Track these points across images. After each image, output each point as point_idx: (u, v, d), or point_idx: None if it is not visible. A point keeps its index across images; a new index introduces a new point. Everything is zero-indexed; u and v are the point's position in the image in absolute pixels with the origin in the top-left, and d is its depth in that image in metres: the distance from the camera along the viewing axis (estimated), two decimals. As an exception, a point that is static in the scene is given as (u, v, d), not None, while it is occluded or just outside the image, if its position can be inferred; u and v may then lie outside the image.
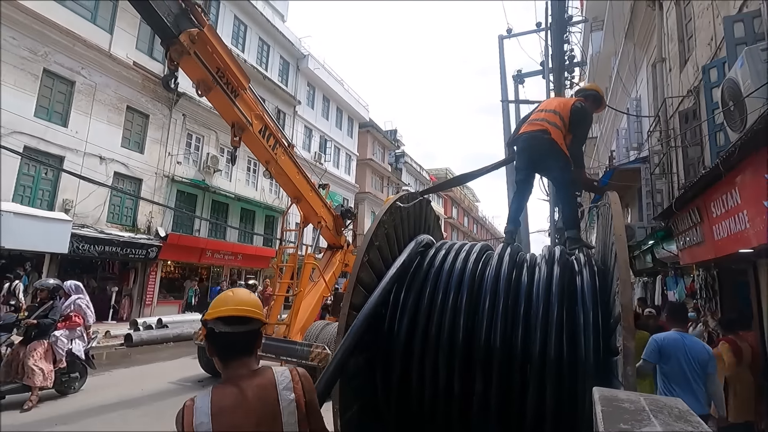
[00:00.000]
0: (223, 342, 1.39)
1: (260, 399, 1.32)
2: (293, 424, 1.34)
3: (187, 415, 1.29)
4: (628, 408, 1.34)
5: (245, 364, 1.39)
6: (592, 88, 4.08)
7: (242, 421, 1.28)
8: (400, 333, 2.89)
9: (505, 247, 3.17)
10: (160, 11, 4.42)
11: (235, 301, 1.43)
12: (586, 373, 2.35)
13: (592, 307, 2.51)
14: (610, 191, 2.85)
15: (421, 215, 3.96)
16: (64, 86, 12.68)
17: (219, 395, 1.32)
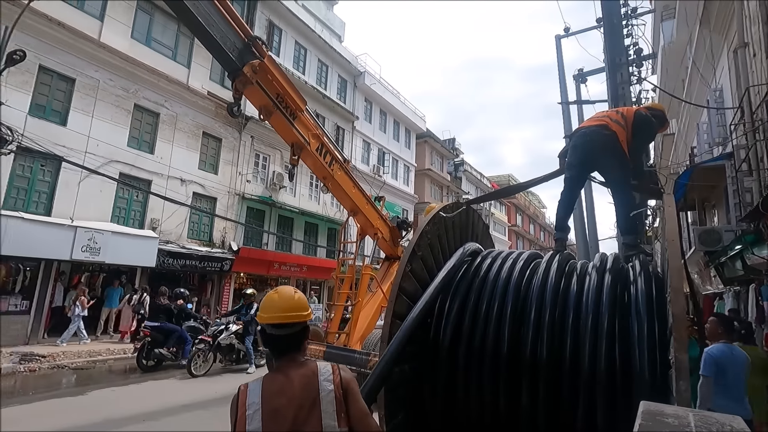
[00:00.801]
0: (273, 342, 1.61)
1: (303, 387, 1.51)
2: (332, 413, 1.49)
3: (241, 395, 1.51)
4: (670, 423, 1.27)
5: (293, 358, 1.60)
6: (656, 107, 3.81)
7: (286, 404, 1.47)
8: (444, 343, 2.89)
9: (554, 255, 3.06)
10: (226, 47, 4.87)
11: (279, 307, 1.61)
12: (640, 387, 2.21)
13: (647, 317, 2.36)
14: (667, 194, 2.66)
15: (468, 224, 3.94)
16: (151, 118, 14.27)
17: (269, 382, 1.53)
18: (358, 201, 7.91)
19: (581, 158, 3.43)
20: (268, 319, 1.59)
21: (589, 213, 10.46)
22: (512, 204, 45.55)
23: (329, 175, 7.14)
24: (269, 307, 1.61)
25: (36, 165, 11.30)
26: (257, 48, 5.20)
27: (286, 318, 1.59)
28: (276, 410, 1.46)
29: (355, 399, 1.56)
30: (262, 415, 1.45)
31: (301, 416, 1.46)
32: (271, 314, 1.60)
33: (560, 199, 3.48)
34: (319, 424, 1.47)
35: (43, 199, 11.40)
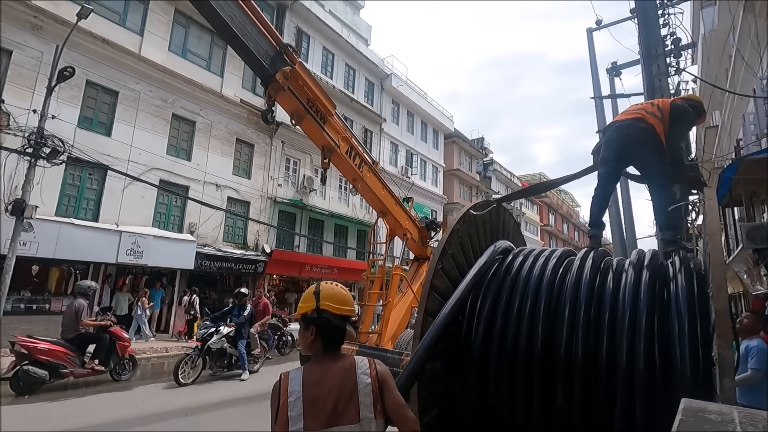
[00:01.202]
0: (331, 333, 1.67)
1: (342, 379, 1.58)
2: (369, 405, 1.55)
3: (283, 382, 1.60)
4: (713, 420, 1.25)
5: (335, 352, 1.68)
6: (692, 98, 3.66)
7: (325, 394, 1.55)
8: (477, 341, 2.90)
9: (589, 251, 3.01)
10: (259, 56, 4.99)
11: (345, 300, 1.70)
12: (681, 386, 2.15)
13: (689, 315, 2.29)
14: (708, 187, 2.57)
15: (499, 222, 3.92)
16: (188, 126, 14.90)
17: (309, 371, 1.61)
18: (387, 202, 7.98)
19: (616, 153, 3.33)
20: (340, 310, 1.66)
21: (626, 210, 10.10)
22: (544, 203, 44.43)
23: (359, 177, 7.25)
24: (338, 299, 1.68)
25: (84, 174, 12.03)
26: (288, 55, 5.34)
27: (351, 312, 1.68)
28: (316, 398, 1.53)
29: (390, 391, 1.62)
30: (303, 402, 1.53)
31: (339, 406, 1.53)
32: (341, 306, 1.67)
33: (594, 195, 3.39)
34: (356, 414, 1.53)
35: (91, 206, 12.12)
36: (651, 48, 7.68)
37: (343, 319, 1.68)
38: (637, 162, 3.38)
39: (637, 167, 3.46)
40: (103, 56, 12.41)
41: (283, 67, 5.24)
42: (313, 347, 1.67)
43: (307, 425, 1.51)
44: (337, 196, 20.86)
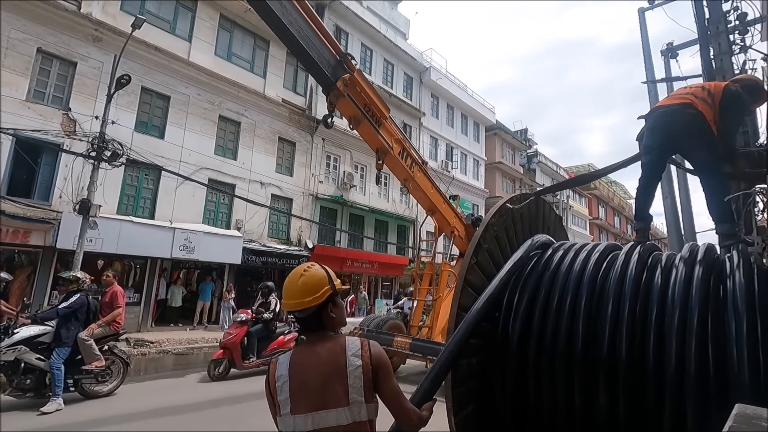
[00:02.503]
0: (299, 322, 1.68)
1: (330, 360, 1.54)
2: (359, 388, 1.51)
3: (272, 367, 1.60)
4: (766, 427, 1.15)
5: (319, 334, 1.63)
6: (748, 78, 3.31)
7: (312, 375, 1.52)
8: (514, 337, 2.82)
9: (635, 246, 2.83)
10: (322, 65, 5.31)
11: (287, 294, 1.65)
12: (739, 392, 1.98)
13: (747, 314, 2.10)
14: None
15: (538, 216, 3.79)
16: (233, 127, 15.54)
17: (297, 354, 1.60)
18: (436, 200, 8.21)
19: (660, 141, 3.09)
20: (285, 306, 1.67)
21: (684, 202, 9.40)
22: (594, 195, 42.34)
23: (410, 177, 7.52)
24: (284, 293, 1.68)
25: (141, 174, 12.88)
26: (347, 64, 5.63)
27: (291, 306, 1.63)
28: (303, 381, 1.51)
29: (386, 377, 1.57)
30: (290, 386, 1.51)
31: (327, 388, 1.50)
32: (285, 301, 1.66)
33: (638, 187, 3.17)
34: (345, 397, 1.49)
35: (148, 205, 12.96)
36: (710, 25, 7.07)
37: (297, 310, 1.62)
38: (685, 151, 3.11)
39: (686, 157, 3.19)
40: (156, 63, 13.18)
41: (343, 75, 5.53)
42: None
43: (295, 409, 1.48)
44: (377, 191, 20.97)
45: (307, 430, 1.47)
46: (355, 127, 6.36)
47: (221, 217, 14.92)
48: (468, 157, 27.46)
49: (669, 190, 8.95)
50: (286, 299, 1.65)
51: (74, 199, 10.34)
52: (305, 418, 1.47)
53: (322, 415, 1.47)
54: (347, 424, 1.47)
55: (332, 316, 1.65)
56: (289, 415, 1.49)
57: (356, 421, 1.48)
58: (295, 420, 1.48)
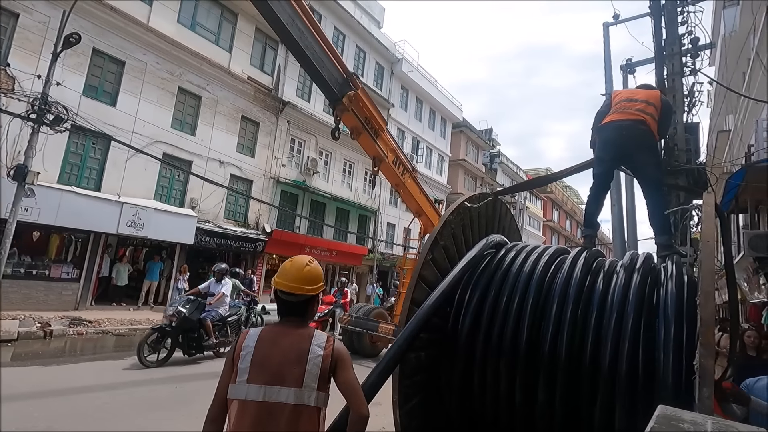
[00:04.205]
0: (280, 305, 1.77)
1: (295, 343, 1.65)
2: (315, 375, 1.61)
3: (241, 338, 1.70)
4: (685, 429, 1.23)
5: (296, 321, 1.74)
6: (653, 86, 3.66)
7: (276, 353, 1.62)
8: (463, 333, 2.89)
9: (581, 251, 2.97)
10: (331, 83, 5.86)
11: (289, 276, 1.73)
12: (663, 393, 2.13)
13: (676, 321, 2.26)
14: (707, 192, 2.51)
15: (495, 215, 3.88)
16: (194, 101, 14.78)
17: (266, 332, 1.71)
18: (423, 204, 8.80)
19: (614, 154, 3.27)
20: (277, 284, 1.74)
21: (630, 211, 10.00)
22: (549, 198, 44.17)
23: (401, 183, 8.12)
24: (282, 273, 1.75)
25: (88, 143, 12.00)
26: (353, 82, 6.22)
27: (291, 288, 1.71)
28: (266, 356, 1.61)
29: (344, 369, 1.68)
30: (252, 357, 1.61)
31: (286, 368, 1.59)
32: (281, 280, 1.73)
33: (590, 195, 3.34)
34: (300, 379, 1.58)
35: (94, 176, 12.12)
36: (666, 45, 7.48)
37: (287, 293, 1.72)
38: (635, 165, 3.32)
39: (634, 169, 3.40)
40: (111, 24, 12.25)
41: (348, 92, 6.08)
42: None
43: (251, 378, 1.58)
44: (340, 179, 20.78)
45: (258, 400, 1.56)
46: (355, 137, 7.00)
47: (175, 195, 14.24)
48: (433, 152, 27.74)
49: (617, 199, 9.49)
50: (288, 281, 1.72)
51: (9, 164, 9.50)
52: (258, 389, 1.57)
53: (275, 390, 1.57)
54: (295, 404, 1.56)
55: (314, 309, 1.82)
56: (244, 383, 1.58)
57: (304, 403, 1.57)
58: (248, 388, 1.57)
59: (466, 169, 31.01)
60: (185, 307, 7.14)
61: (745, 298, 13.51)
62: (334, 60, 5.92)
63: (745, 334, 4.74)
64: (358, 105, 6.43)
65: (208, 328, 7.42)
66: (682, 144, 6.91)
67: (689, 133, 7.39)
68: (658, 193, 3.15)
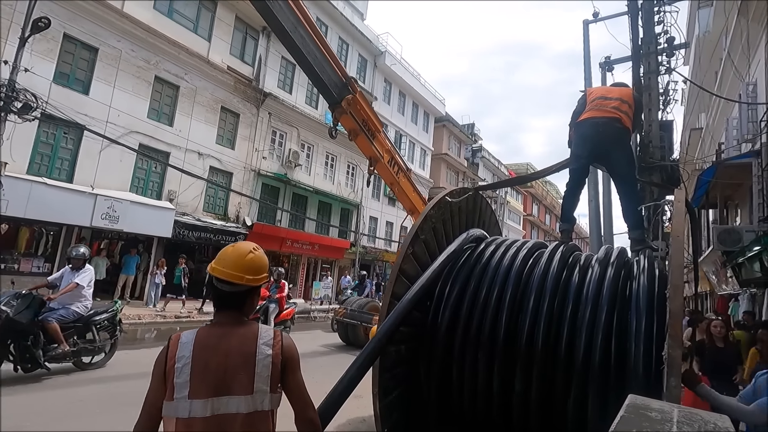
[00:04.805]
0: (216, 294, 1.55)
1: (240, 347, 1.46)
2: (266, 378, 1.45)
3: (171, 346, 1.45)
4: (652, 417, 1.27)
5: (234, 316, 1.54)
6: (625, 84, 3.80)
7: (219, 361, 1.42)
8: (442, 326, 2.92)
9: (558, 245, 3.03)
10: (331, 87, 6.09)
11: (227, 262, 1.53)
12: (633, 383, 2.20)
13: (647, 313, 2.33)
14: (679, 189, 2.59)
15: (475, 210, 3.92)
16: (171, 90, 14.39)
17: (204, 335, 1.47)
18: (416, 203, 8.99)
19: (590, 150, 3.34)
20: (213, 271, 1.53)
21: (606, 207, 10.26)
22: (529, 193, 44.88)
23: (396, 182, 8.36)
24: (220, 259, 1.55)
25: (59, 132, 11.57)
26: (352, 86, 6.40)
27: (229, 276, 1.51)
28: (207, 365, 1.41)
29: (293, 370, 1.53)
30: (192, 368, 1.40)
31: (232, 375, 1.42)
32: (217, 266, 1.53)
33: (566, 191, 3.41)
34: (250, 385, 1.43)
35: (66, 166, 11.71)
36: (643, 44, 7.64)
37: (224, 281, 1.50)
38: (610, 162, 3.39)
39: (609, 166, 3.49)
40: (83, 9, 11.77)
41: (347, 96, 6.32)
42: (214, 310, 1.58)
43: (193, 393, 1.38)
44: (322, 172, 20.63)
45: (205, 415, 1.38)
46: (353, 139, 7.19)
47: (152, 187, 13.89)
48: (416, 146, 27.79)
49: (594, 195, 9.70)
50: (226, 267, 1.52)
51: (-26, 154, 9.08)
52: (204, 404, 1.38)
53: (223, 401, 1.40)
54: (247, 412, 1.41)
55: (253, 303, 1.61)
56: (185, 399, 1.38)
57: (257, 410, 1.43)
58: (192, 405, 1.38)
59: (448, 164, 31.19)
60: (10, 304, 5.18)
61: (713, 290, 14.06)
62: (334, 65, 6.19)
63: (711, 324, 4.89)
64: (356, 108, 6.65)
65: (53, 332, 5.43)
66: (656, 141, 7.10)
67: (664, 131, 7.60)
68: (631, 189, 3.24)
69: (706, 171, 9.30)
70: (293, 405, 1.54)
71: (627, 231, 3.20)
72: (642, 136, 7.44)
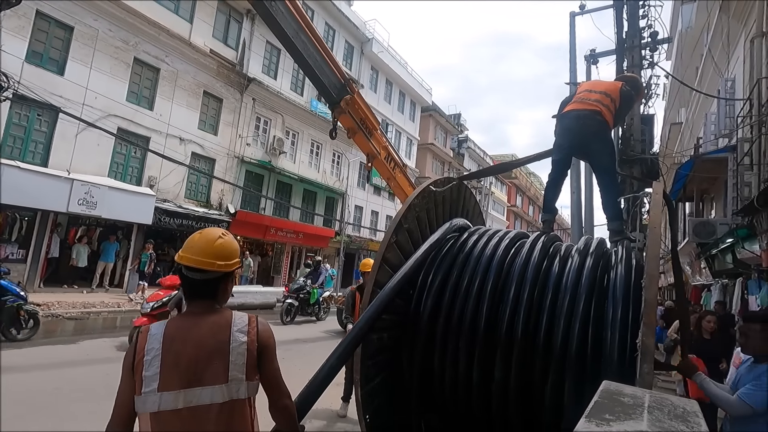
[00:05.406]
0: (186, 283, 1.50)
1: (212, 335, 1.41)
2: (241, 365, 1.40)
3: (141, 339, 1.40)
4: (625, 402, 1.31)
5: (206, 305, 1.48)
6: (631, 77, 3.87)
7: (191, 351, 1.37)
8: (424, 315, 2.94)
9: (540, 236, 3.07)
10: (330, 88, 6.35)
11: (195, 249, 1.47)
12: (609, 370, 2.26)
13: (623, 302, 2.38)
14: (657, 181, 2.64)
15: (459, 200, 3.93)
16: (151, 73, 13.97)
17: (174, 326, 1.42)
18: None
19: (572, 141, 3.39)
20: (182, 259, 1.47)
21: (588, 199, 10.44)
22: (513, 184, 45.35)
23: (392, 177, 8.62)
24: (188, 247, 1.49)
25: (33, 114, 11.14)
26: (350, 87, 6.66)
27: (199, 263, 1.45)
28: (178, 356, 1.36)
29: (270, 359, 1.49)
30: (162, 360, 1.35)
31: (204, 365, 1.37)
32: (185, 254, 1.47)
33: (548, 181, 3.46)
34: (225, 374, 1.38)
35: (40, 150, 11.31)
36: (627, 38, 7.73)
37: (193, 269, 1.45)
38: (590, 154, 3.46)
39: (589, 158, 3.56)
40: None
41: (345, 96, 6.58)
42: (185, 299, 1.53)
43: (163, 385, 1.33)
44: (307, 160, 20.43)
45: (177, 408, 1.33)
46: (351, 136, 7.48)
47: (131, 172, 13.54)
48: (402, 136, 27.71)
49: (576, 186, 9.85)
50: (194, 254, 1.46)
51: (-60, 135, 8.69)
52: (176, 396, 1.33)
53: (196, 392, 1.35)
54: (222, 402, 1.37)
55: (227, 289, 1.56)
56: (154, 392, 1.32)
57: (233, 399, 1.39)
58: (161, 398, 1.32)
59: (434, 153, 31.23)
60: None
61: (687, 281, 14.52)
62: (334, 67, 6.43)
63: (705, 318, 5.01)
64: (354, 107, 6.92)
65: None
66: (638, 135, 7.24)
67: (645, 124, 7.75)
68: (610, 181, 3.31)
69: (684, 165, 9.52)
70: (268, 393, 1.51)
71: (606, 222, 3.26)
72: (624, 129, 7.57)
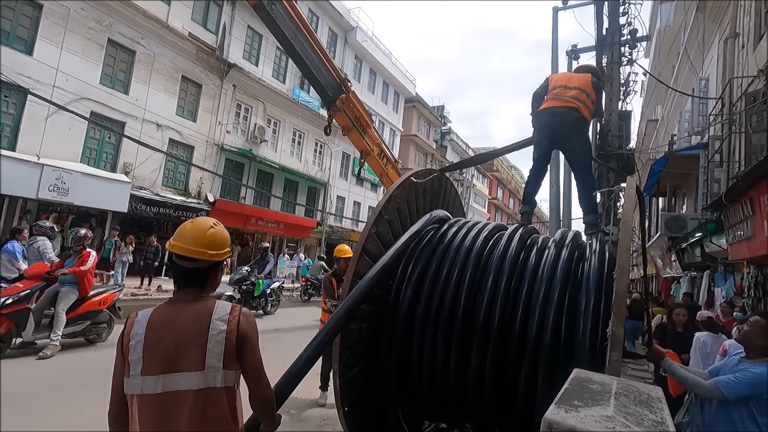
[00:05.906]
0: (175, 271, 1.53)
1: (192, 322, 1.45)
2: (218, 354, 1.43)
3: (128, 324, 1.47)
4: (594, 389, 1.35)
5: (192, 293, 1.52)
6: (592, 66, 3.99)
7: (171, 337, 1.42)
8: (403, 305, 2.96)
9: (518, 228, 3.12)
10: (326, 87, 6.51)
11: (187, 238, 1.50)
12: (580, 358, 2.33)
13: (596, 293, 2.45)
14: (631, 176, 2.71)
15: (440, 192, 3.96)
16: (126, 55, 13.49)
17: (158, 313, 1.48)
18: None
19: (550, 138, 3.49)
20: (173, 247, 1.50)
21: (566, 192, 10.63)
22: (495, 177, 45.86)
23: (384, 173, 8.71)
24: (179, 235, 1.52)
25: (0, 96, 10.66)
26: (345, 86, 6.83)
27: (190, 252, 1.48)
28: (159, 342, 1.41)
29: (250, 349, 1.51)
30: (144, 345, 1.41)
31: (183, 351, 1.41)
32: (177, 243, 1.50)
33: (530, 176, 3.56)
34: (201, 361, 1.41)
35: (7, 133, 10.83)
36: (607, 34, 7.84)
37: (184, 258, 1.49)
38: (568, 149, 3.55)
39: (567, 153, 3.66)
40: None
41: (341, 95, 6.75)
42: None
43: (145, 370, 1.39)
44: (289, 149, 20.17)
45: (156, 392, 1.39)
46: (346, 134, 7.62)
47: (105, 158, 13.13)
48: (385, 126, 27.61)
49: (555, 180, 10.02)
50: (186, 243, 1.49)
51: None
52: (156, 380, 1.39)
53: (174, 378, 1.39)
54: (198, 389, 1.40)
55: (216, 278, 1.59)
56: (138, 376, 1.39)
57: (209, 386, 1.41)
58: (144, 381, 1.39)
59: (417, 145, 31.26)
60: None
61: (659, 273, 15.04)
62: (330, 67, 6.62)
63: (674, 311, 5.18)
64: (349, 106, 7.06)
65: None
66: (615, 130, 7.38)
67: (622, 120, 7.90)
68: (587, 176, 3.40)
69: (658, 161, 9.80)
70: (248, 383, 1.52)
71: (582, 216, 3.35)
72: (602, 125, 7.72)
